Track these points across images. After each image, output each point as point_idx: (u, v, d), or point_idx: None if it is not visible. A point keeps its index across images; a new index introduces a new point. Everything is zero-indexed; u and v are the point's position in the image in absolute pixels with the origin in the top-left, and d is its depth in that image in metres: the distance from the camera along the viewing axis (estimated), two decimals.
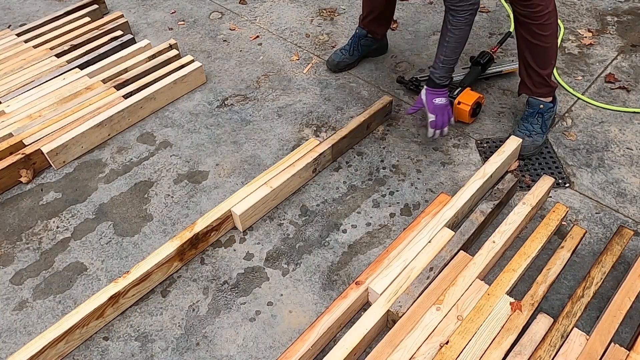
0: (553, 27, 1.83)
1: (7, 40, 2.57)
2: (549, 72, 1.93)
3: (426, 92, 1.90)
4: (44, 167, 2.06)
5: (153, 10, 2.93)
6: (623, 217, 1.81)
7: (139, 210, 1.90)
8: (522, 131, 2.00)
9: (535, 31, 1.82)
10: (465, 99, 2.08)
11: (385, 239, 1.77)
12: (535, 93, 1.99)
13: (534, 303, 1.47)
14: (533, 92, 2.00)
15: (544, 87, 1.97)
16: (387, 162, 2.03)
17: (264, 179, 1.85)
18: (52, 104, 2.20)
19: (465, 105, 2.07)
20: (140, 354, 1.51)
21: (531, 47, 1.88)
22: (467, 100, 2.08)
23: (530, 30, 1.83)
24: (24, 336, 1.56)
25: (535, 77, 1.95)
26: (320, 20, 2.80)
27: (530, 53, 1.90)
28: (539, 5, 1.75)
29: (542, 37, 1.83)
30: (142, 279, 1.59)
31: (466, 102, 2.07)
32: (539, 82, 1.96)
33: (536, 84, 1.97)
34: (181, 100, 2.34)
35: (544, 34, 1.82)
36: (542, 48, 1.86)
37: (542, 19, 1.78)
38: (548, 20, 1.79)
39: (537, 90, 1.98)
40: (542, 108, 1.98)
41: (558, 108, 2.22)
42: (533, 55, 1.90)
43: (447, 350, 1.37)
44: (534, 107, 2.00)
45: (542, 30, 1.81)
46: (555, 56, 1.93)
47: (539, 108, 1.99)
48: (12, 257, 1.77)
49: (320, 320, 1.47)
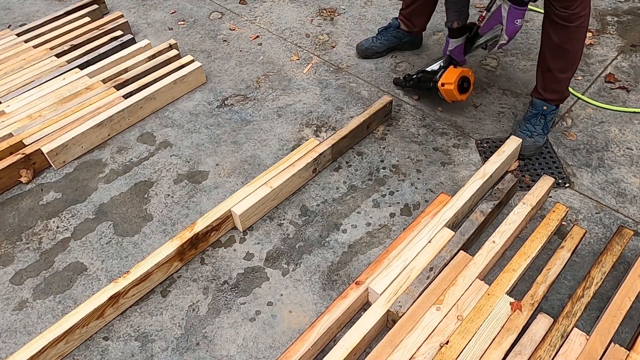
0: (584, 32, 1.79)
1: (7, 40, 2.57)
2: (568, 76, 1.90)
3: (510, 9, 1.75)
4: (44, 167, 2.06)
5: (153, 10, 2.93)
6: (623, 217, 1.81)
7: (139, 210, 1.90)
8: (524, 131, 1.99)
9: (568, 34, 1.76)
10: (448, 79, 2.02)
11: (385, 239, 1.77)
12: (546, 97, 1.97)
13: (534, 303, 1.47)
14: (543, 96, 1.97)
15: (557, 93, 1.94)
16: (387, 162, 2.03)
17: (264, 179, 1.85)
18: (52, 104, 2.20)
19: (449, 85, 2.00)
20: (140, 354, 1.51)
21: (559, 50, 1.82)
22: (449, 79, 2.01)
23: (562, 33, 1.77)
24: (24, 336, 1.56)
25: (552, 83, 1.92)
26: (320, 20, 2.80)
27: (555, 57, 1.85)
28: (577, 6, 1.70)
29: (573, 41, 1.79)
30: (142, 279, 1.59)
31: (449, 81, 2.01)
32: (553, 88, 1.93)
33: (551, 88, 1.94)
34: (181, 100, 2.34)
35: (575, 38, 1.78)
36: (568, 52, 1.82)
37: (578, 21, 1.73)
38: (583, 24, 1.75)
39: (548, 94, 1.96)
40: (545, 110, 1.97)
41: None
42: (556, 58, 1.85)
43: (447, 350, 1.37)
44: (538, 109, 1.98)
45: (575, 33, 1.76)
46: (578, 61, 1.88)
47: (542, 109, 1.98)
48: (12, 257, 1.77)
49: (320, 320, 1.47)
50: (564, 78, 1.90)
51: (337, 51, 2.58)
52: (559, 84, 1.92)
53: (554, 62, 1.87)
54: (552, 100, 1.97)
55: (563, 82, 1.92)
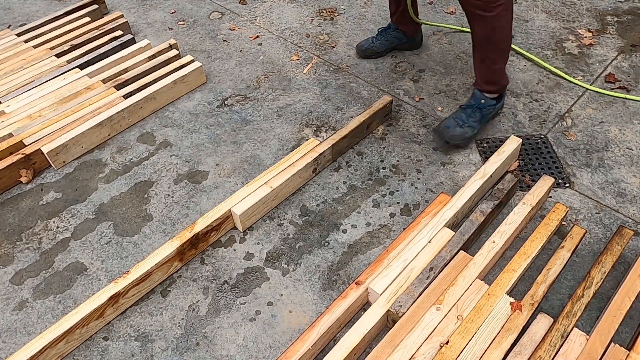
0: (506, 21, 1.78)
1: (7, 40, 2.57)
2: (501, 66, 1.90)
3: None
4: (44, 167, 2.06)
5: (153, 10, 2.93)
6: (623, 217, 1.81)
7: (139, 210, 1.90)
8: (456, 119, 1.97)
9: (489, 24, 1.76)
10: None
11: (385, 239, 1.77)
12: (484, 88, 1.97)
13: (534, 303, 1.47)
14: (482, 87, 1.97)
15: (494, 84, 1.95)
16: (387, 162, 2.03)
17: (264, 179, 1.85)
18: (52, 104, 2.20)
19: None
20: (140, 354, 1.51)
21: (483, 40, 1.83)
22: None
23: (483, 23, 1.77)
24: (24, 336, 1.56)
25: (487, 74, 1.93)
26: (320, 20, 2.80)
27: (482, 47, 1.86)
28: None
29: (495, 30, 1.78)
30: (142, 279, 1.59)
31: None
32: (489, 80, 1.94)
33: (486, 80, 1.95)
34: (181, 100, 2.35)
35: (497, 27, 1.78)
36: (494, 42, 1.82)
37: (495, 10, 1.72)
38: (502, 13, 1.74)
39: (485, 86, 1.96)
40: (482, 103, 1.96)
41: (558, 108, 2.22)
42: (485, 49, 1.86)
43: (447, 350, 1.37)
44: (476, 100, 1.98)
45: (496, 22, 1.76)
46: (508, 51, 1.89)
47: (480, 103, 1.96)
48: (12, 257, 1.77)
49: (320, 320, 1.47)
50: (496, 69, 1.90)
51: (337, 51, 2.58)
52: (493, 75, 1.92)
53: (483, 52, 1.87)
54: (490, 92, 1.97)
55: (497, 73, 1.92)
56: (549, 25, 2.69)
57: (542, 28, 2.68)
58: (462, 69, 2.44)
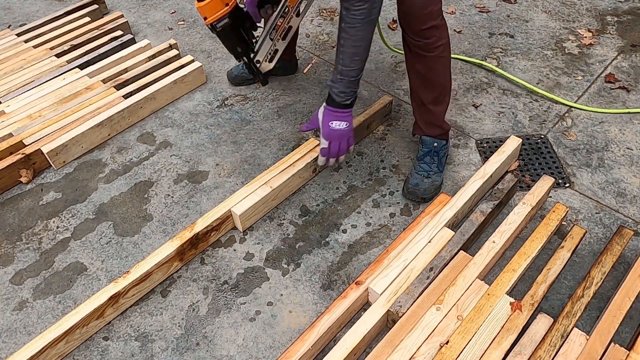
0: (446, 62, 1.72)
1: (7, 40, 2.57)
2: (442, 109, 1.83)
3: (325, 110, 1.64)
4: (44, 167, 2.06)
5: (153, 10, 2.93)
6: (623, 217, 1.81)
7: (139, 210, 1.90)
8: (420, 172, 1.86)
9: (429, 64, 1.69)
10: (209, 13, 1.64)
11: (385, 239, 1.77)
12: (428, 133, 1.89)
13: (534, 303, 1.47)
14: (425, 133, 1.89)
15: (436, 127, 1.86)
16: (387, 162, 2.03)
17: (264, 178, 1.85)
18: (52, 104, 2.20)
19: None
20: (140, 354, 1.51)
21: (425, 82, 1.75)
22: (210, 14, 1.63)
23: (423, 62, 1.69)
24: (24, 336, 1.56)
25: (428, 116, 1.84)
26: (320, 20, 2.80)
27: (424, 89, 1.77)
28: (432, 36, 1.62)
29: (436, 71, 1.72)
30: (142, 279, 1.59)
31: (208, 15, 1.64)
32: (431, 122, 1.85)
33: (428, 125, 1.86)
34: (181, 100, 2.35)
35: (438, 68, 1.72)
36: (434, 83, 1.76)
37: (436, 51, 1.66)
38: (442, 54, 1.68)
39: (428, 131, 1.88)
40: (435, 146, 1.88)
41: (558, 108, 2.22)
42: (425, 89, 1.77)
43: (447, 350, 1.37)
44: (428, 146, 1.88)
45: (436, 63, 1.70)
46: (448, 94, 1.81)
47: (433, 147, 1.88)
48: (12, 257, 1.77)
49: (320, 320, 1.47)
50: (438, 111, 1.82)
51: None
52: (435, 118, 1.83)
53: (423, 93, 1.78)
54: (435, 136, 1.89)
55: (438, 116, 1.83)
56: (549, 25, 2.69)
57: (542, 28, 2.68)
58: (461, 69, 2.44)
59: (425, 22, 1.60)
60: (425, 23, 1.60)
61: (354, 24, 1.43)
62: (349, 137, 1.67)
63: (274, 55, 1.86)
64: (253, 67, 1.87)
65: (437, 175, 1.88)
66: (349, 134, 1.66)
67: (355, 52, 1.48)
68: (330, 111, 1.61)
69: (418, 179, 1.86)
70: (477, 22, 2.73)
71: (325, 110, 1.63)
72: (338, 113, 1.60)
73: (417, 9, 1.58)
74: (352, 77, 1.53)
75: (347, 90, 1.56)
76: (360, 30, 1.44)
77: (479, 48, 2.55)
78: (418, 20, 1.60)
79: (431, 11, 1.59)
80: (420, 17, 1.59)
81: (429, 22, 1.60)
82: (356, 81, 1.55)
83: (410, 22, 1.61)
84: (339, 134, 1.63)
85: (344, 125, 1.62)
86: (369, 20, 1.44)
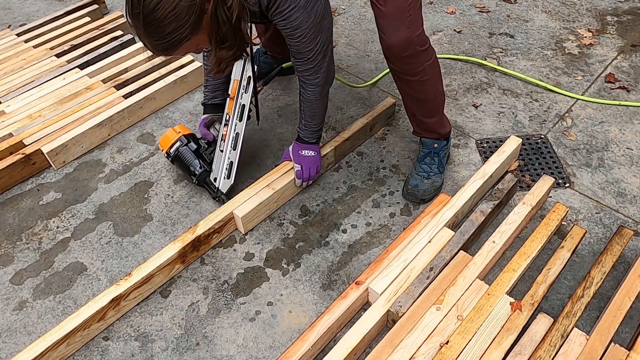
0: (432, 82, 1.72)
1: (7, 40, 2.57)
2: (436, 119, 1.84)
3: (294, 144, 1.83)
4: (44, 167, 2.06)
5: None
6: (623, 217, 1.81)
7: (139, 210, 1.90)
8: (420, 173, 1.87)
9: (415, 86, 1.71)
10: (164, 144, 1.89)
11: (385, 239, 1.77)
12: (427, 136, 1.90)
13: (534, 303, 1.47)
14: (424, 135, 1.90)
15: (434, 132, 1.88)
16: (387, 162, 2.03)
17: (267, 181, 1.84)
18: (52, 104, 2.20)
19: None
20: (140, 354, 1.51)
21: (415, 99, 1.78)
22: (164, 145, 1.89)
23: (409, 85, 1.72)
24: (24, 336, 1.56)
25: (424, 125, 1.86)
26: None
27: (414, 104, 1.80)
28: (413, 62, 1.63)
29: (423, 92, 1.74)
30: (144, 282, 1.59)
31: (163, 146, 1.89)
32: (427, 129, 1.87)
33: (425, 131, 1.88)
34: (181, 100, 2.34)
35: (425, 89, 1.73)
36: (424, 101, 1.77)
37: (417, 76, 1.67)
38: (425, 78, 1.68)
39: (427, 135, 1.89)
40: (436, 147, 1.89)
41: (558, 108, 2.22)
42: (416, 106, 1.80)
43: (447, 350, 1.37)
44: (429, 147, 1.90)
45: (422, 85, 1.70)
46: (441, 105, 1.83)
47: (433, 148, 1.89)
48: (12, 257, 1.77)
49: (320, 320, 1.47)
50: (432, 122, 1.84)
51: (337, 51, 2.58)
52: (431, 126, 1.86)
53: (414, 108, 1.81)
54: (436, 138, 1.90)
55: (434, 125, 1.85)
56: (549, 25, 2.69)
57: (542, 28, 2.68)
58: (461, 69, 2.44)
59: (406, 49, 1.58)
60: (406, 50, 1.58)
61: (310, 99, 1.70)
62: (317, 164, 1.85)
63: (230, 169, 1.86)
64: (211, 185, 1.87)
65: (437, 176, 1.89)
66: (317, 162, 1.85)
67: (313, 114, 1.76)
68: (299, 144, 1.83)
69: (418, 180, 1.87)
70: (477, 22, 2.73)
71: (294, 144, 1.84)
72: (305, 145, 1.83)
73: (395, 38, 1.56)
74: (315, 127, 1.79)
75: (312, 135, 1.81)
76: (315, 103, 1.71)
77: (479, 48, 2.55)
78: (397, 47, 1.58)
79: (409, 39, 1.56)
80: (399, 45, 1.57)
81: (408, 50, 1.58)
82: (319, 129, 1.81)
83: (390, 49, 1.60)
84: (308, 159, 1.83)
85: (312, 153, 1.83)
86: (322, 97, 1.71)
